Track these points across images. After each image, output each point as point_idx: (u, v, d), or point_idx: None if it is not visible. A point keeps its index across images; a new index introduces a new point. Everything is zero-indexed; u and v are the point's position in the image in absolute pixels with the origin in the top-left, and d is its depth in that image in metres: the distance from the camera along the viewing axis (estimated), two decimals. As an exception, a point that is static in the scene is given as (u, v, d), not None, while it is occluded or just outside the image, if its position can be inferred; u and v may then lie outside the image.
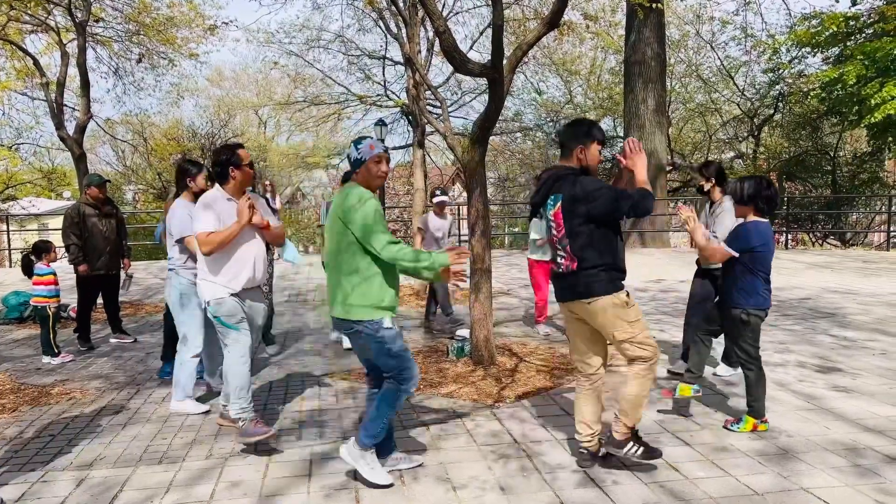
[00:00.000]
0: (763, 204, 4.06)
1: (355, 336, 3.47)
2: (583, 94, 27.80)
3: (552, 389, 5.08)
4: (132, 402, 5.10)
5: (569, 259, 3.48)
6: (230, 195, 4.09)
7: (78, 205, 7.01)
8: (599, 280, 3.42)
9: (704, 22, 22.85)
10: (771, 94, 22.34)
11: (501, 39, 5.13)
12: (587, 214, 3.40)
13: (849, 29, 17.11)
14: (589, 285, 3.44)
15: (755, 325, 4.10)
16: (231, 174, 4.08)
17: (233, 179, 4.09)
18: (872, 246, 19.61)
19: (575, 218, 3.43)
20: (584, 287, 3.45)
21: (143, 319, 8.53)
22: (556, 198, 3.52)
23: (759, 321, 4.12)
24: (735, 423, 4.17)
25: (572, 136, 3.58)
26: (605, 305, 3.42)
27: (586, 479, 3.53)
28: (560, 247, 3.53)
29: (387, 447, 3.68)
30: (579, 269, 3.45)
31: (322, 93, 24.67)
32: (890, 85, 14.89)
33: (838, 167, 21.55)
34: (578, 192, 3.41)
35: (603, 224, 3.43)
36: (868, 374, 5.36)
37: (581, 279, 3.45)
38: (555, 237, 3.55)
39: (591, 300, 3.44)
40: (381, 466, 3.54)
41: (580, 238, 3.43)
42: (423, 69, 9.32)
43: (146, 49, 13.91)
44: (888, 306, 8.21)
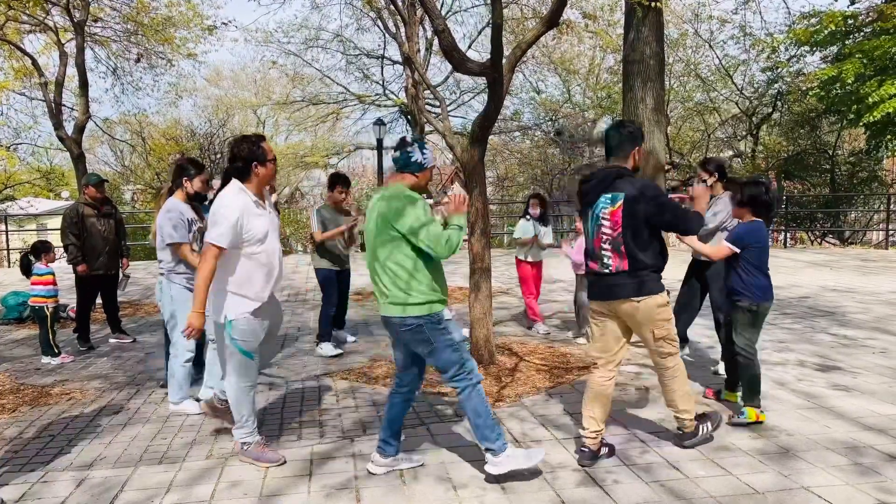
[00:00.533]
0: (761, 208, 4.26)
1: (413, 334, 3.37)
2: (581, 93, 27.80)
3: (552, 388, 5.08)
4: (132, 402, 5.09)
5: (618, 259, 3.59)
6: (255, 196, 3.71)
7: (76, 205, 7.00)
8: (650, 280, 3.58)
9: (703, 21, 22.84)
10: (769, 92, 22.34)
11: (501, 38, 5.12)
12: (647, 217, 3.52)
13: (847, 27, 17.11)
14: (642, 285, 3.57)
15: (761, 316, 4.25)
16: (254, 171, 3.70)
17: (255, 177, 3.71)
18: (871, 244, 19.62)
19: (636, 219, 3.53)
20: (635, 287, 3.58)
21: (142, 319, 8.53)
22: (614, 196, 3.59)
23: (766, 313, 4.28)
24: (739, 415, 4.25)
25: (628, 137, 3.69)
26: (652, 304, 3.59)
27: (587, 478, 3.53)
28: (610, 246, 3.61)
29: (392, 448, 3.66)
30: (631, 269, 3.57)
31: (320, 92, 24.69)
32: (888, 83, 14.89)
33: (837, 166, 21.56)
34: (644, 194, 3.53)
35: (653, 228, 3.58)
36: (868, 372, 5.36)
37: (633, 279, 3.58)
38: (606, 236, 3.62)
39: (641, 299, 3.58)
40: (518, 450, 3.50)
41: (638, 239, 3.55)
42: (421, 68, 9.33)
43: (144, 49, 13.89)
44: (887, 304, 8.22)
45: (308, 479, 3.61)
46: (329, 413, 4.69)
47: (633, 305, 3.60)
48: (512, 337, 6.83)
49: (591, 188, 3.72)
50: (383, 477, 3.60)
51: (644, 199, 3.52)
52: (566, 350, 6.19)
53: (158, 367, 5.99)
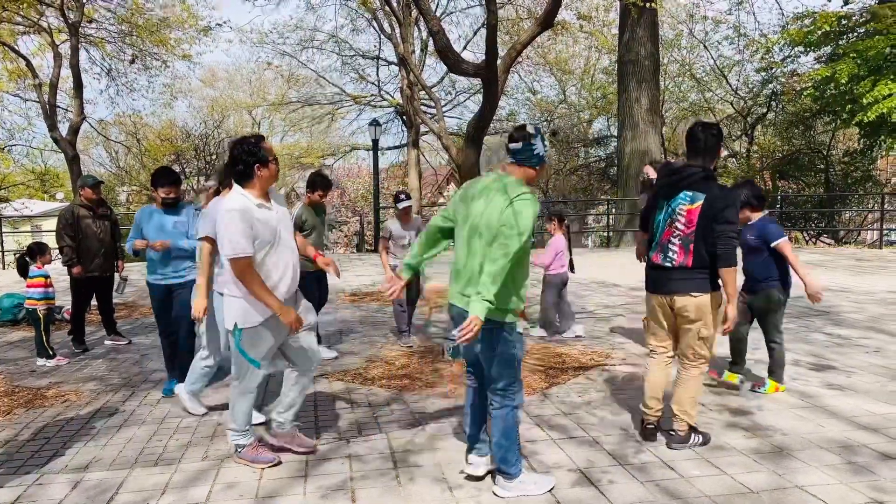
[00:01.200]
0: (755, 201, 4.76)
1: (484, 335, 3.16)
2: (577, 93, 27.87)
3: (547, 389, 5.09)
4: (127, 404, 5.08)
5: (683, 255, 3.73)
6: (258, 199, 3.55)
7: (72, 206, 6.99)
8: (709, 278, 3.72)
9: (697, 21, 22.93)
10: (764, 92, 22.41)
11: (495, 39, 5.14)
12: (718, 220, 3.62)
13: (841, 28, 17.18)
14: (703, 282, 3.72)
15: (785, 303, 4.84)
16: (257, 172, 3.53)
17: (258, 178, 3.55)
18: (865, 244, 19.69)
19: (709, 220, 3.65)
20: (696, 282, 3.72)
21: (137, 321, 8.51)
22: (694, 195, 3.70)
23: (787, 300, 4.85)
24: (761, 386, 4.85)
25: (715, 139, 3.80)
26: (707, 301, 3.73)
27: (582, 478, 3.54)
28: (680, 242, 3.73)
29: (486, 443, 3.52)
30: (694, 266, 3.71)
31: (316, 93, 24.70)
32: (882, 84, 14.96)
33: (831, 165, 21.64)
34: (722, 200, 3.65)
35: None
36: (862, 371, 5.38)
37: (694, 275, 3.72)
38: (678, 231, 3.74)
39: (698, 295, 3.72)
40: (533, 474, 3.43)
41: (707, 239, 3.66)
42: (416, 69, 9.34)
43: (139, 50, 13.88)
44: (881, 304, 8.25)
45: (304, 480, 3.61)
46: (325, 414, 4.69)
47: (690, 300, 3.73)
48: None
49: (672, 182, 3.80)
50: (379, 478, 3.61)
51: (725, 206, 3.63)
52: (561, 350, 6.20)
53: (154, 369, 5.98)
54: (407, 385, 5.28)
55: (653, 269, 3.89)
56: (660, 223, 3.84)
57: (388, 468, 3.73)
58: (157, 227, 5.29)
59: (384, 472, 3.67)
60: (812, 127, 22.05)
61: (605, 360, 5.90)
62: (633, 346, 6.39)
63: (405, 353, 6.26)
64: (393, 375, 5.56)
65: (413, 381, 5.38)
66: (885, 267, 11.90)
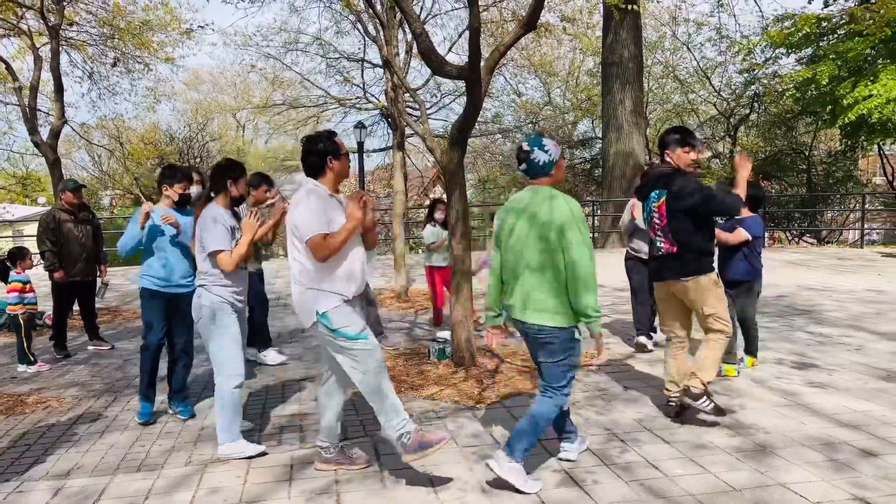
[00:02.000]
0: (759, 204, 5.30)
1: (548, 341, 3.38)
2: (561, 95, 27.95)
3: (533, 390, 5.10)
4: (110, 409, 5.04)
5: (668, 243, 4.16)
6: (330, 191, 3.57)
7: (53, 211, 6.93)
8: (695, 262, 4.09)
9: (680, 23, 23.07)
10: (746, 94, 22.60)
11: (478, 42, 5.14)
12: (684, 208, 4.06)
13: (821, 30, 17.36)
14: (687, 265, 4.10)
15: (758, 293, 5.38)
16: (329, 165, 3.55)
17: (330, 171, 3.57)
18: (847, 243, 19.89)
19: (676, 210, 4.09)
20: (682, 267, 4.11)
21: (120, 326, 8.44)
22: (660, 192, 4.17)
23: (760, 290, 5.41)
24: (741, 362, 5.43)
25: (670, 140, 4.24)
26: (698, 283, 4.09)
27: (567, 478, 3.55)
28: (662, 233, 4.19)
29: (574, 432, 3.78)
30: (679, 252, 4.11)
31: (301, 96, 24.58)
32: (862, 85, 15.12)
33: (813, 166, 21.85)
34: (679, 189, 4.08)
35: (697, 217, 4.09)
36: (843, 369, 5.44)
37: (682, 260, 4.11)
38: (657, 225, 4.21)
39: (689, 279, 4.10)
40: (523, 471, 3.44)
41: (682, 227, 4.09)
42: (401, 71, 9.32)
43: (121, 53, 13.77)
44: (862, 303, 8.34)
45: (289, 484, 3.59)
46: (310, 417, 4.67)
47: (683, 285, 4.13)
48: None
49: (645, 185, 4.30)
50: (364, 480, 3.60)
51: (681, 195, 4.05)
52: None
53: (136, 374, 5.92)
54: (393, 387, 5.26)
55: (652, 260, 4.36)
56: (646, 221, 4.35)
57: (374, 471, 3.72)
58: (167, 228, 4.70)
59: (369, 475, 3.66)
60: (794, 128, 22.27)
61: (589, 360, 5.91)
62: (617, 347, 6.42)
63: (391, 356, 6.25)
64: (378, 378, 5.54)
65: (399, 383, 5.36)
66: (866, 266, 12.03)
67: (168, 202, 4.76)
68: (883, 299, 8.53)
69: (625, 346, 6.42)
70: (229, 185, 4.16)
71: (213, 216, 4.02)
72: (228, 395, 3.98)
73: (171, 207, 4.73)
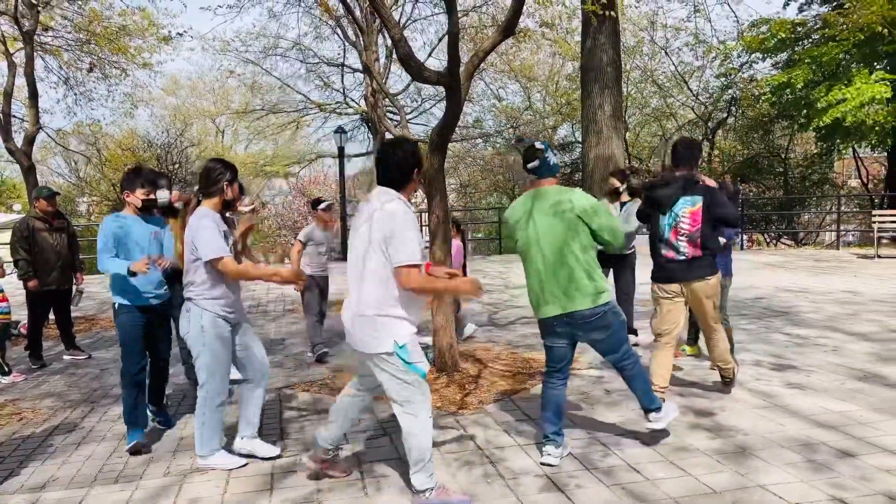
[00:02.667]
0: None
1: (600, 320, 3.67)
2: (541, 100, 28.09)
3: (515, 394, 5.10)
4: (86, 420, 4.96)
5: (693, 248, 4.41)
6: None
7: (27, 218, 6.82)
8: (712, 262, 4.48)
9: (658, 29, 23.28)
10: (724, 98, 22.84)
11: (457, 47, 5.15)
12: (715, 217, 4.40)
13: (796, 35, 17.61)
14: (709, 267, 4.45)
15: (726, 288, 5.58)
16: (415, 178, 3.32)
17: (413, 184, 3.34)
18: (823, 245, 20.16)
19: (710, 217, 4.39)
20: (707, 268, 4.44)
21: (97, 334, 8.33)
22: (694, 199, 4.41)
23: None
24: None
25: (697, 151, 4.66)
26: (714, 283, 4.50)
27: (549, 483, 3.55)
28: (687, 238, 4.41)
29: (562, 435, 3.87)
30: (703, 255, 4.42)
31: (280, 101, 24.49)
32: (836, 89, 15.36)
33: (790, 169, 22.14)
34: (718, 198, 4.42)
35: (716, 222, 4.46)
36: (820, 370, 5.50)
37: (703, 263, 4.43)
38: (684, 230, 4.42)
39: (708, 278, 4.45)
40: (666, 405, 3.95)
41: (707, 233, 4.40)
42: (381, 77, 9.33)
43: (97, 58, 13.62)
44: (838, 304, 8.45)
45: (269, 493, 3.56)
46: (291, 426, 4.63)
47: (706, 283, 4.45)
48: (475, 343, 6.84)
49: (671, 192, 4.45)
50: (346, 489, 3.57)
51: (717, 204, 4.39)
52: (529, 356, 6.22)
53: (114, 384, 5.85)
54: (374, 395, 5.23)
55: (668, 263, 4.48)
56: (666, 226, 4.47)
57: (355, 479, 3.70)
58: (137, 238, 4.36)
59: (351, 483, 3.64)
60: (770, 131, 22.54)
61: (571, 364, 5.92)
62: (599, 350, 6.43)
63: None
64: (360, 385, 5.51)
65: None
66: (842, 267, 12.19)
67: (131, 209, 4.41)
68: (858, 300, 8.65)
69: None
70: (224, 187, 3.90)
71: (208, 220, 3.76)
72: (211, 411, 3.87)
73: (134, 215, 4.40)
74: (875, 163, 24.93)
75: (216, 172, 3.88)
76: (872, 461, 3.66)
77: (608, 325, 3.70)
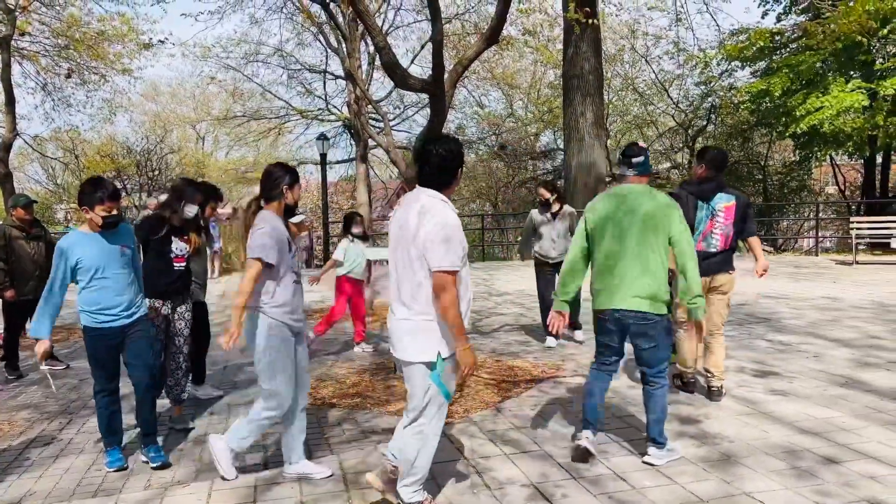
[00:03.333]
0: None
1: (649, 328, 3.72)
2: (524, 107, 28.19)
3: (500, 403, 5.08)
4: (65, 432, 4.87)
5: (724, 241, 4.85)
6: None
7: (3, 227, 6.69)
8: (731, 257, 4.94)
9: (639, 37, 23.49)
10: (704, 106, 23.09)
11: (441, 55, 5.14)
12: (745, 214, 4.93)
13: (774, 44, 17.85)
14: (731, 261, 4.94)
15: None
16: (458, 177, 3.22)
17: (456, 183, 3.27)
18: (802, 251, 20.40)
19: (738, 215, 4.87)
20: (728, 263, 4.91)
21: (76, 344, 8.19)
22: (729, 196, 4.88)
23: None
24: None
25: (726, 159, 5.09)
26: (734, 277, 4.95)
27: (536, 493, 3.53)
28: (720, 232, 4.85)
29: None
30: (728, 249, 4.87)
31: (262, 107, 24.36)
32: (813, 97, 15.57)
33: (769, 176, 22.40)
34: (750, 206, 5.03)
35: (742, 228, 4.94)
36: (803, 376, 5.53)
37: (728, 256, 4.90)
38: (720, 223, 4.85)
39: (733, 271, 4.92)
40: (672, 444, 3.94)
41: (736, 228, 4.88)
42: (363, 83, 9.30)
43: (76, 64, 13.47)
44: (818, 310, 8.53)
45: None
46: (272, 437, 4.57)
47: (728, 276, 4.89)
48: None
49: (708, 189, 4.88)
50: (330, 500, 3.53)
51: (746, 205, 4.94)
52: (514, 364, 6.20)
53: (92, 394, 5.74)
54: (358, 404, 5.20)
55: (703, 258, 4.70)
56: (703, 219, 4.87)
57: (340, 490, 3.65)
58: (98, 256, 3.95)
59: (336, 495, 3.60)
60: (750, 139, 22.81)
61: (556, 371, 5.93)
62: (583, 357, 6.44)
63: (356, 371, 6.18)
64: (344, 394, 5.47)
65: (365, 399, 5.30)
66: (821, 273, 12.33)
67: (90, 226, 3.99)
68: (838, 306, 8.74)
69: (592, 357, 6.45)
70: (284, 191, 3.73)
71: (264, 224, 3.62)
72: (259, 419, 3.73)
73: (94, 232, 3.98)
74: (851, 170, 25.32)
75: (275, 177, 3.74)
76: (856, 467, 3.68)
77: (655, 337, 3.74)
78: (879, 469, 3.65)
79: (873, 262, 13.75)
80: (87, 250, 3.93)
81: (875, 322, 7.64)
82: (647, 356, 3.78)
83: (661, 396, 3.81)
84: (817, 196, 23.59)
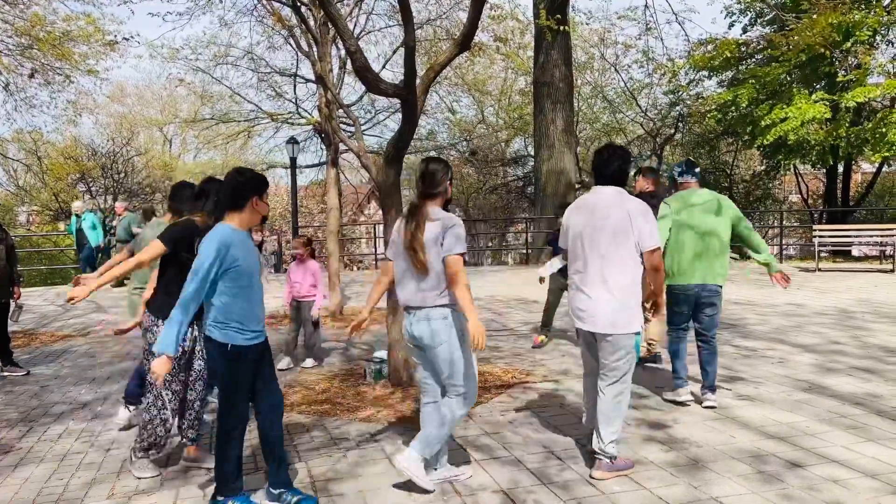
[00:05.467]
0: None
1: (715, 297, 4.92)
2: (495, 113, 28.32)
3: (471, 408, 5.06)
4: (24, 440, 4.74)
5: None
6: None
7: (-38, 230, 6.52)
8: None
9: (609, 45, 23.75)
10: (672, 114, 23.40)
11: (414, 60, 5.13)
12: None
13: (741, 54, 18.17)
14: None
15: None
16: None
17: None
18: (767, 258, 20.79)
19: None
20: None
21: (37, 350, 8.00)
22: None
23: None
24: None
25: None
26: None
27: (507, 499, 3.52)
28: None
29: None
30: None
31: (231, 110, 24.05)
32: (778, 108, 15.89)
33: (735, 184, 22.78)
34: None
35: None
36: (769, 382, 5.62)
37: None
38: None
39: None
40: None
41: None
42: (334, 88, 9.24)
43: (40, 64, 13.19)
44: (783, 316, 8.69)
45: (219, 515, 3.44)
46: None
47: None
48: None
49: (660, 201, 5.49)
50: (299, 509, 3.48)
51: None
52: (484, 369, 6.20)
53: (55, 402, 5.62)
54: (328, 410, 5.15)
55: None
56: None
57: (314, 495, 3.60)
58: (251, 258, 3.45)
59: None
60: (717, 147, 23.18)
61: (526, 377, 5.94)
62: (553, 363, 6.47)
63: (325, 378, 6.12)
64: (313, 401, 5.41)
65: (334, 405, 5.26)
66: (786, 280, 12.54)
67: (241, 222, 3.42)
68: (802, 312, 8.91)
69: (560, 363, 6.47)
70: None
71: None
72: (453, 419, 3.66)
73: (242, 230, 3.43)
74: (815, 179, 25.88)
75: (440, 174, 3.63)
76: (819, 471, 3.74)
77: (716, 304, 4.91)
78: (842, 473, 3.72)
79: (835, 270, 14.05)
80: (242, 251, 3.34)
81: (837, 328, 7.80)
82: (711, 321, 4.93)
83: (716, 351, 4.99)
84: (781, 205, 24.05)
